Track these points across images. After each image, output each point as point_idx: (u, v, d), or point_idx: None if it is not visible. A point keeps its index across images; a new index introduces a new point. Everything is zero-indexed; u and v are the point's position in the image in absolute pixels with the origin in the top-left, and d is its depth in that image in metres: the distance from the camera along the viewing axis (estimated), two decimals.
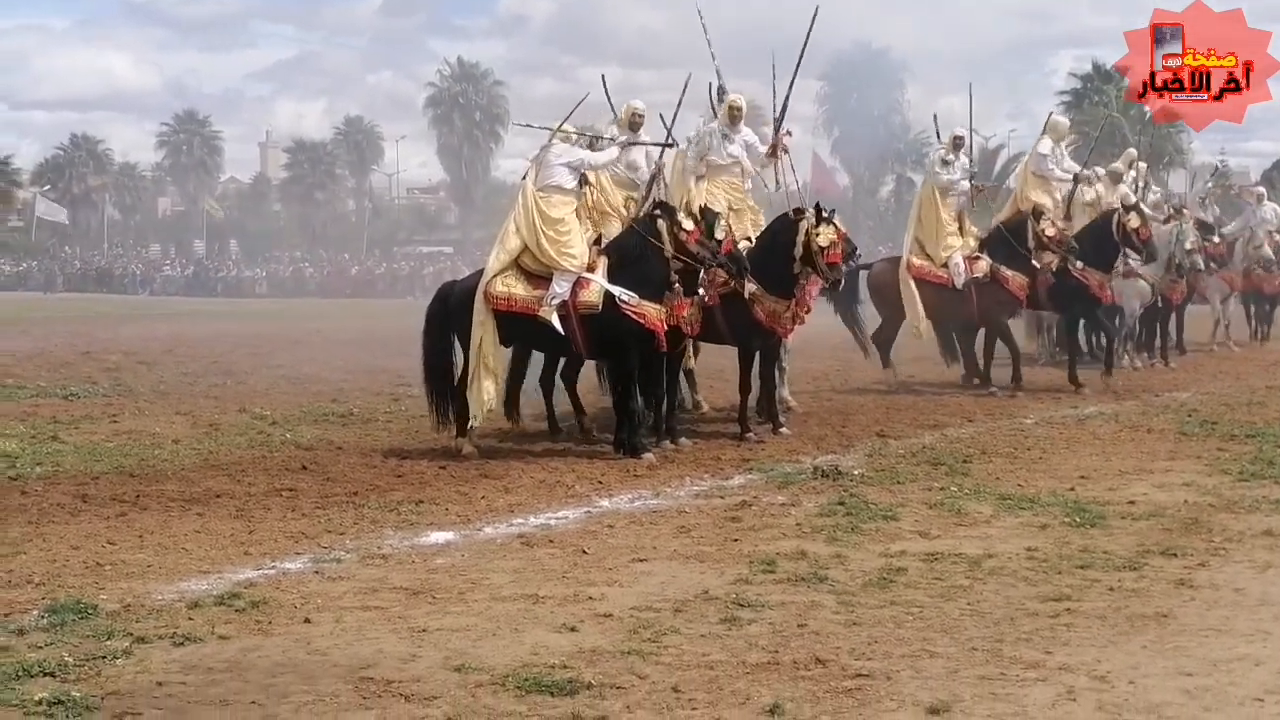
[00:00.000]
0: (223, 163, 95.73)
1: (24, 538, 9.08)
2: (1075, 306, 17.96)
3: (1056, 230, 17.62)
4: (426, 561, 8.54)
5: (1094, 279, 17.58)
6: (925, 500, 10.30)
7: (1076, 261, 17.51)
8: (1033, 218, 17.66)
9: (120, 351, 24.35)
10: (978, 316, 17.52)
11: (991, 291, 17.26)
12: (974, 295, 17.18)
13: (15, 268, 77.56)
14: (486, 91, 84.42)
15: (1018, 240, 17.49)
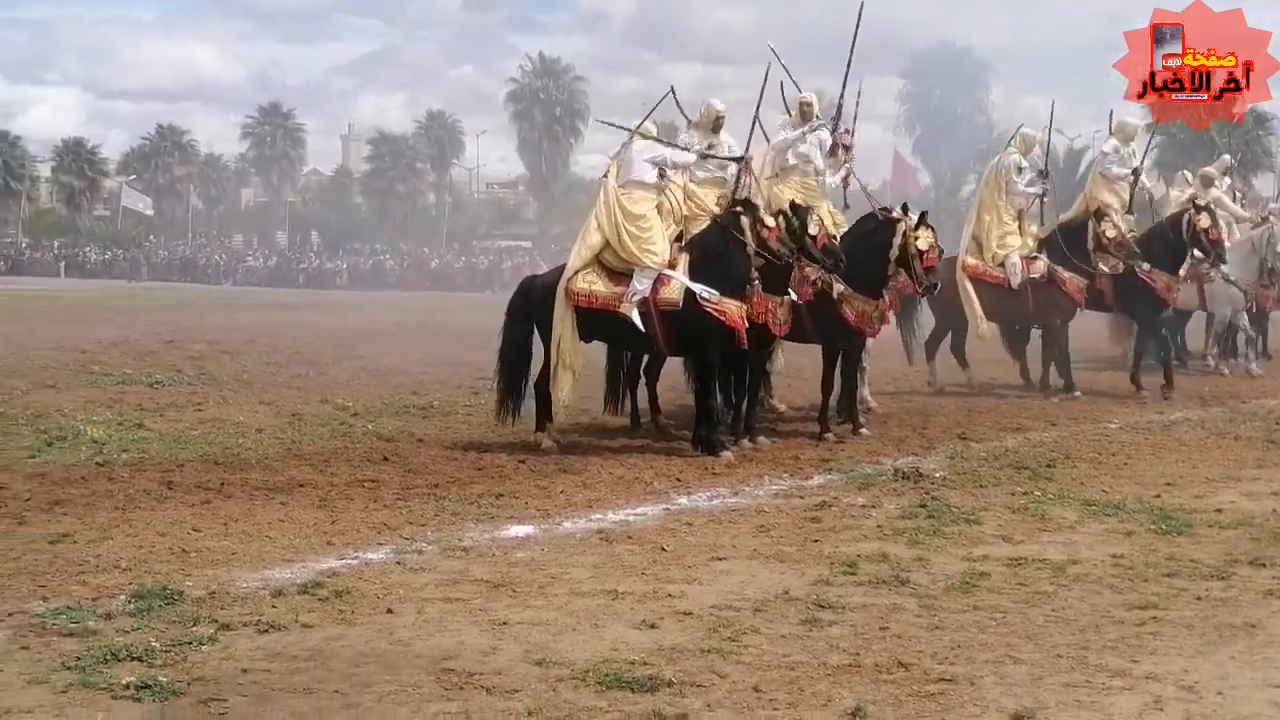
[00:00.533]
0: (305, 155, 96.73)
1: (111, 523, 9.21)
2: (1142, 309, 17.70)
3: (1117, 232, 17.38)
4: (507, 555, 8.56)
5: (1160, 281, 17.34)
6: (1008, 504, 10.20)
7: (1143, 263, 17.27)
8: (1094, 218, 17.43)
9: (204, 341, 24.65)
10: (1034, 317, 17.32)
11: (1048, 292, 17.07)
12: (1030, 295, 16.98)
13: (101, 256, 78.82)
14: (567, 87, 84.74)
15: (1077, 241, 17.27)
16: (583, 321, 12.69)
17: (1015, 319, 17.61)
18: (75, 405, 15.15)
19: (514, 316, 13.24)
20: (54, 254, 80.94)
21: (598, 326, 12.77)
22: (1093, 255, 17.21)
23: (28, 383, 17.43)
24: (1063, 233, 17.53)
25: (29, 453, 12.06)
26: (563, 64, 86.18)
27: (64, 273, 74.62)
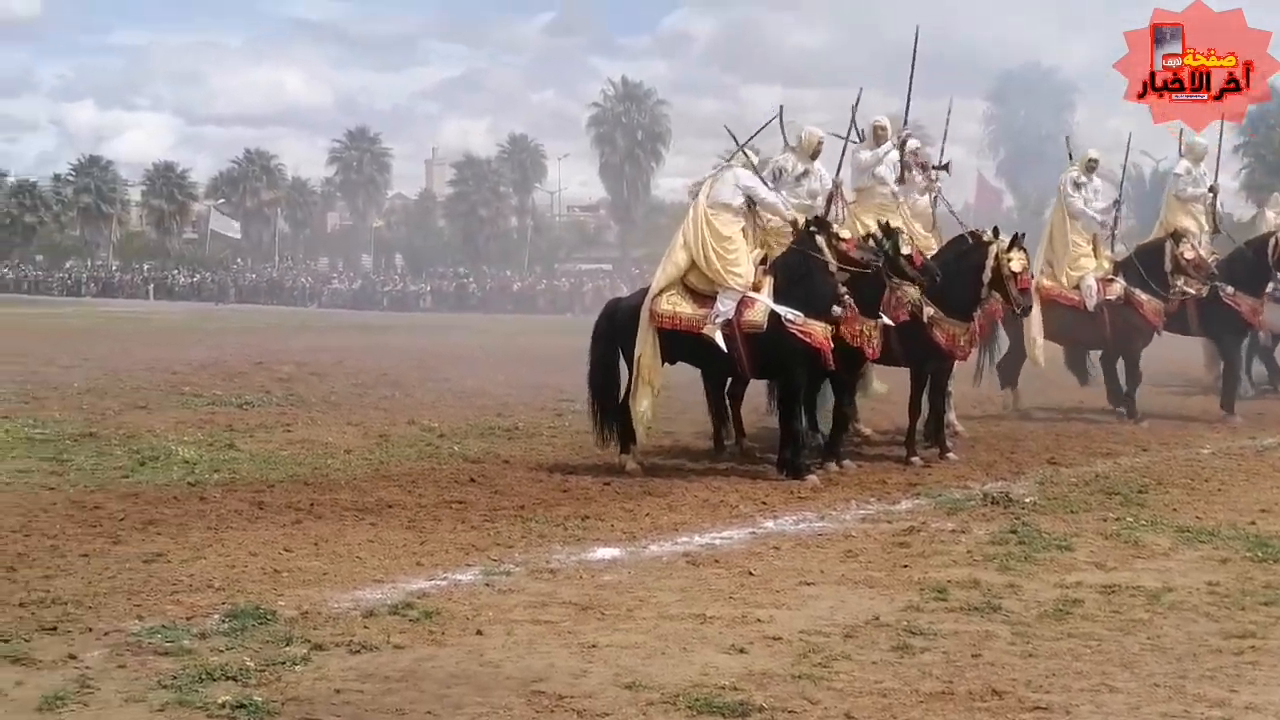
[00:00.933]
0: (390, 179, 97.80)
1: (204, 543, 9.33)
2: (1225, 332, 17.41)
3: (1196, 254, 17.12)
4: (594, 577, 8.57)
5: (1245, 304, 17.07)
6: (1100, 530, 10.06)
7: (1227, 286, 17.01)
8: (1171, 241, 17.19)
9: (292, 362, 24.93)
10: (1110, 340, 17.07)
11: (1125, 315, 16.84)
12: (1106, 318, 16.76)
13: (189, 279, 80.00)
14: (649, 111, 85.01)
15: (1154, 264, 17.04)
16: (666, 343, 12.68)
17: (1090, 342, 17.37)
18: (167, 426, 15.37)
19: (599, 339, 13.27)
20: (143, 276, 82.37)
21: (681, 348, 12.76)
22: (1170, 278, 16.98)
23: (120, 403, 17.72)
24: (1140, 256, 17.33)
25: (122, 473, 12.25)
26: (644, 88, 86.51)
27: (153, 295, 75.86)
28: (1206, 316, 17.19)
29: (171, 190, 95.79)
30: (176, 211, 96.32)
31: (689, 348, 12.73)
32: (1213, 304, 17.05)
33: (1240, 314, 17.06)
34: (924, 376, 13.78)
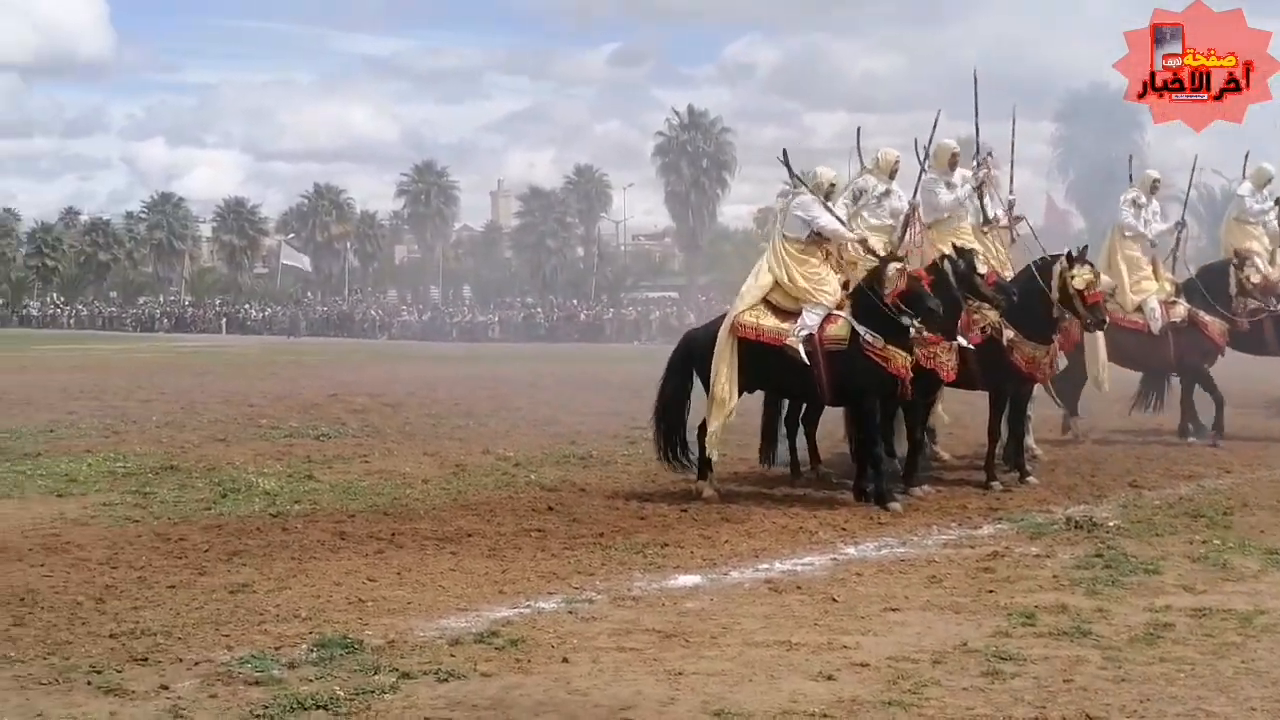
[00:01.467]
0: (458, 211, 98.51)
1: (289, 573, 9.40)
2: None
3: (1262, 276, 16.89)
4: (676, 604, 8.55)
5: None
6: (1187, 554, 9.93)
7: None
8: (1236, 263, 16.96)
9: (365, 394, 25.10)
10: (1175, 363, 16.83)
11: (1190, 337, 16.61)
12: (1171, 341, 16.53)
13: (261, 313, 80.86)
14: (714, 139, 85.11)
15: (1218, 286, 16.81)
16: (746, 364, 12.64)
17: (1155, 364, 17.11)
18: (246, 458, 15.52)
19: (675, 370, 13.27)
20: (215, 311, 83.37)
21: (761, 369, 12.70)
22: (1234, 300, 16.75)
23: (199, 436, 17.92)
24: (1203, 277, 17.13)
25: (205, 504, 12.37)
26: (709, 116, 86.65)
27: (225, 329, 76.71)
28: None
29: (242, 225, 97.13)
30: (247, 246, 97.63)
31: (768, 368, 12.67)
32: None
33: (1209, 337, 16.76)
34: (1003, 400, 13.67)
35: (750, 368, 12.70)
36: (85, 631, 7.83)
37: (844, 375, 12.34)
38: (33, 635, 7.75)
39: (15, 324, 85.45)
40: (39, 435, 17.91)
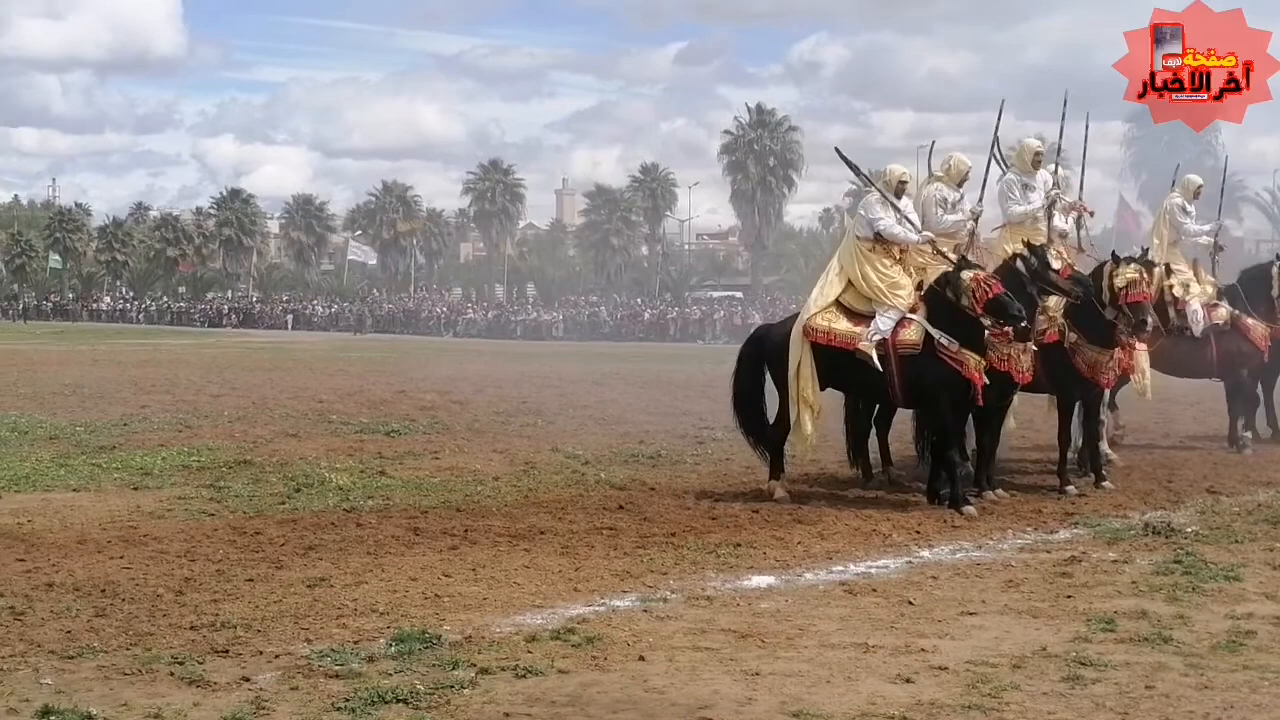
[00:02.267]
0: (523, 209, 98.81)
1: (364, 568, 9.46)
2: None
3: None
4: (751, 605, 8.54)
5: None
6: (1268, 561, 9.79)
7: None
8: (1277, 265, 16.70)
9: (433, 391, 25.21)
10: (1217, 367, 16.55)
11: (1233, 341, 16.38)
12: (1214, 344, 16.27)
13: (327, 309, 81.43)
14: (781, 138, 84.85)
15: (1259, 290, 16.56)
16: (819, 362, 12.62)
17: (1197, 370, 16.81)
18: (318, 453, 15.64)
19: (745, 364, 13.26)
20: (283, 307, 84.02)
21: (833, 370, 12.66)
22: (1278, 303, 16.49)
23: (270, 431, 18.07)
24: (1244, 281, 16.88)
25: (279, 499, 12.49)
26: (777, 115, 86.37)
27: (292, 325, 77.31)
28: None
29: (310, 222, 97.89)
30: (315, 243, 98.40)
31: (841, 370, 12.64)
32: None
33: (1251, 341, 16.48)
34: (1070, 404, 13.54)
35: (824, 369, 12.67)
36: (166, 623, 7.92)
37: (917, 378, 12.28)
38: (115, 626, 7.85)
39: (85, 318, 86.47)
40: (113, 429, 18.13)
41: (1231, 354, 16.39)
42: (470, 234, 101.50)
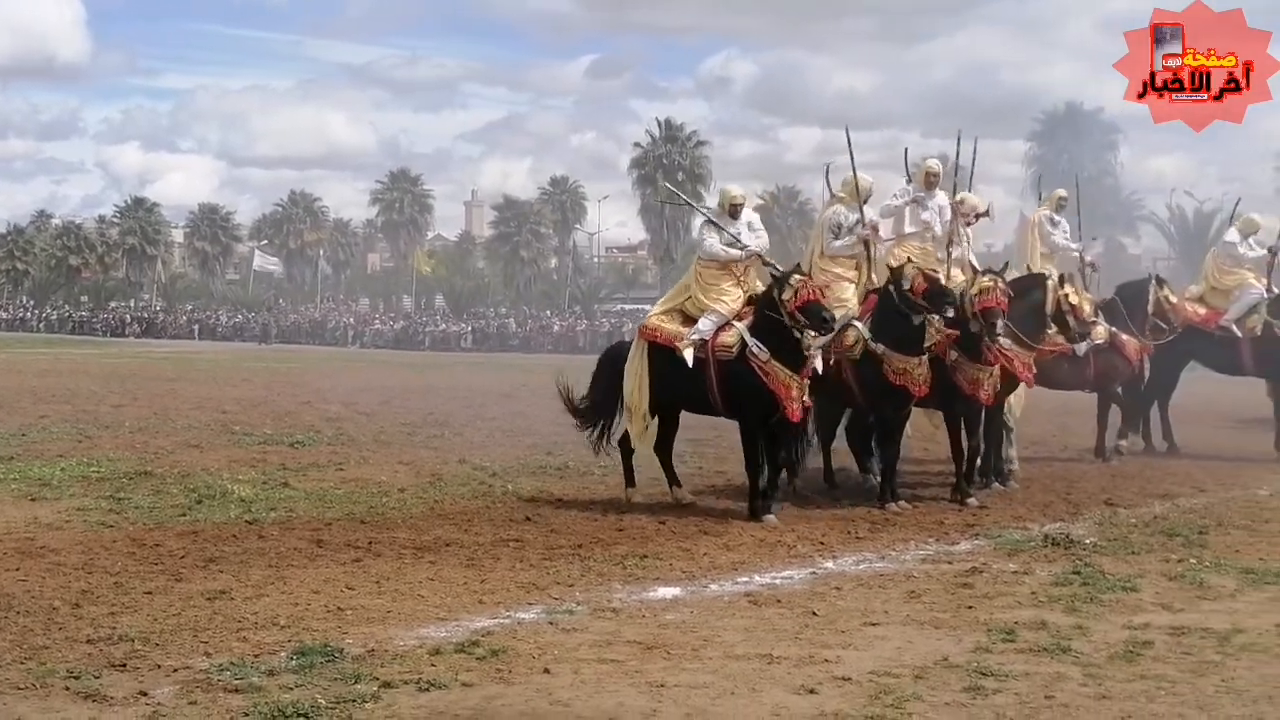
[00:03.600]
0: (432, 220, 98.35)
1: (266, 580, 9.34)
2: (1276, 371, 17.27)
3: (1179, 297, 17.08)
4: (656, 616, 8.54)
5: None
6: (1164, 572, 9.96)
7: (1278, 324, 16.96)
8: (1155, 283, 17.07)
9: (339, 402, 25.01)
10: (1093, 381, 16.89)
11: (1108, 356, 16.71)
12: (1092, 359, 16.58)
13: (233, 319, 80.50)
14: (690, 152, 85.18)
15: (1135, 306, 16.93)
16: (654, 370, 12.76)
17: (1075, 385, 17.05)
18: (220, 464, 15.44)
19: (599, 373, 13.76)
20: (187, 317, 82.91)
21: (665, 380, 12.74)
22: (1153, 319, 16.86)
23: (172, 442, 17.81)
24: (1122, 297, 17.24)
25: (180, 511, 12.29)
26: (686, 130, 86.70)
27: (197, 335, 76.31)
28: (1262, 356, 17.08)
29: (215, 232, 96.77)
30: (220, 253, 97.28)
31: (670, 376, 12.70)
32: (1270, 343, 16.93)
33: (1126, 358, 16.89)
34: (956, 419, 13.70)
35: (657, 376, 12.78)
36: (62, 637, 7.77)
37: (733, 385, 12.38)
38: (9, 639, 7.68)
39: None
40: (11, 439, 17.77)
41: (1107, 369, 16.69)
42: (378, 244, 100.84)
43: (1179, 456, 16.99)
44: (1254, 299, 17.32)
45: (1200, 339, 17.42)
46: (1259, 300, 17.31)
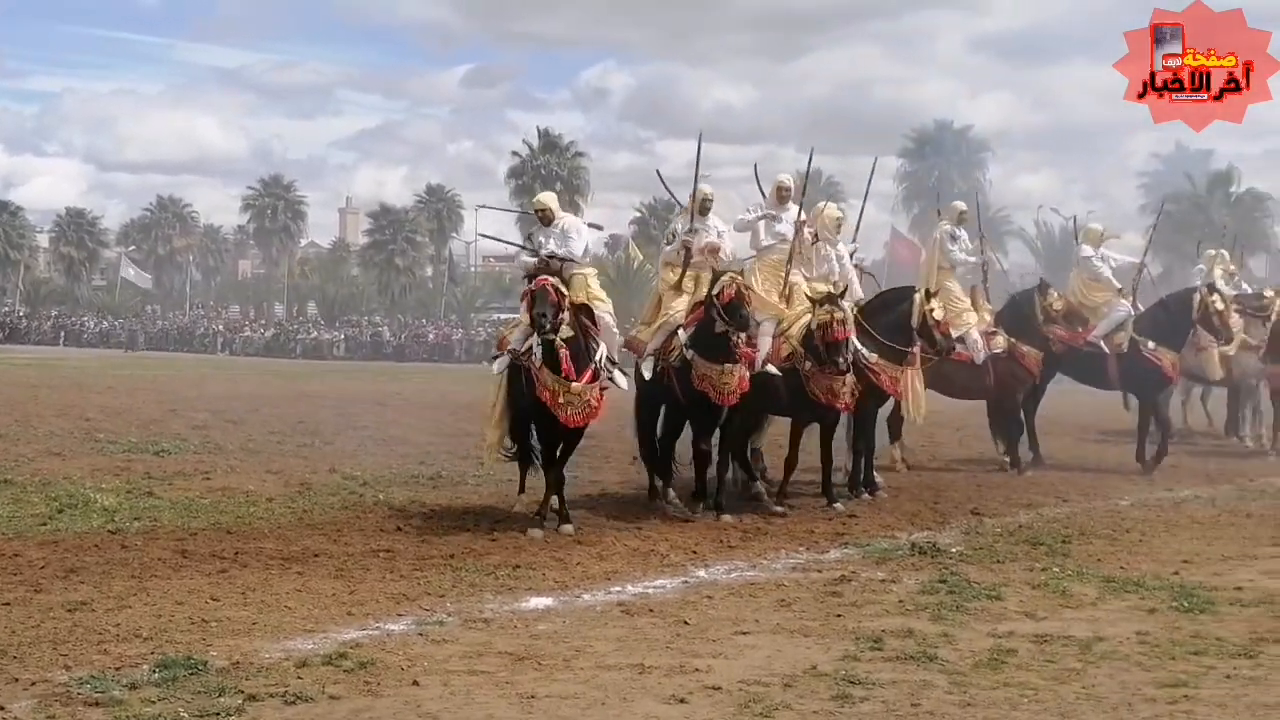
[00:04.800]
0: (305, 227, 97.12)
1: (128, 591, 9.14)
2: (1146, 387, 17.70)
3: (1065, 304, 17.49)
4: (528, 627, 8.51)
5: (1165, 359, 17.42)
6: (1028, 580, 10.15)
7: (1148, 342, 17.37)
8: (1039, 294, 17.49)
9: (206, 410, 24.56)
10: (993, 391, 17.25)
11: (1008, 367, 17.09)
12: (991, 370, 16.95)
13: (98, 326, 78.75)
14: (568, 163, 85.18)
15: (1029, 314, 17.35)
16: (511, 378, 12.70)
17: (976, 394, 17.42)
18: (83, 473, 15.09)
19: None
20: (52, 323, 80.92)
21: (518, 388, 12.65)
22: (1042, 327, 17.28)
23: (34, 450, 17.36)
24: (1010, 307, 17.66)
25: (40, 520, 11.99)
26: (564, 140, 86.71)
27: (62, 341, 74.53)
28: (1127, 371, 17.50)
29: (82, 237, 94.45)
30: (86, 258, 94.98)
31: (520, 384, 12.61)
32: (1133, 359, 17.35)
33: (1161, 369, 17.35)
34: (802, 427, 13.87)
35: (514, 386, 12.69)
36: None
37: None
38: None
39: None
40: None
41: (1006, 378, 17.01)
42: (249, 251, 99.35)
43: (1044, 467, 17.31)
44: (1121, 317, 17.70)
45: (1068, 354, 17.77)
46: (1126, 318, 17.70)
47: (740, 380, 12.83)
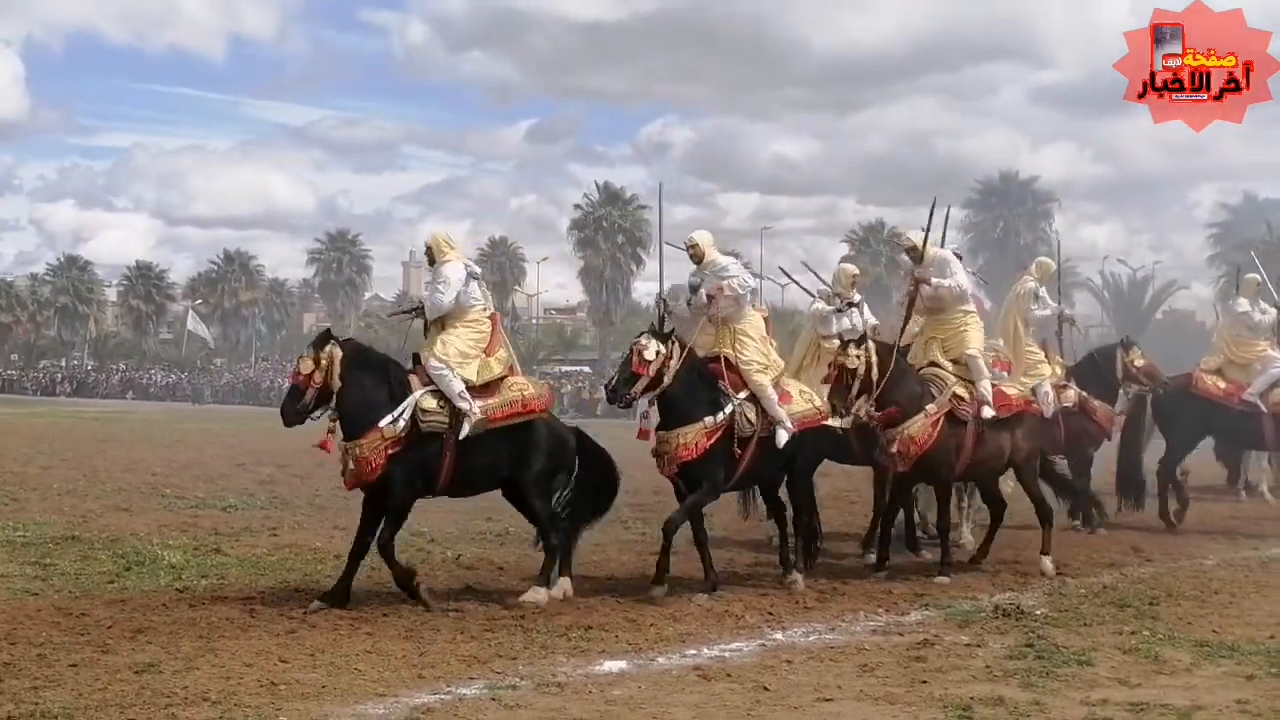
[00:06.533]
0: (370, 280, 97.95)
1: (196, 652, 8.99)
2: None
3: (1147, 362, 17.12)
4: (603, 692, 8.26)
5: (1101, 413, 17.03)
6: (1118, 645, 9.79)
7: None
8: (1121, 348, 17.12)
9: (273, 464, 24.53)
10: (1064, 447, 16.81)
11: (1079, 422, 16.69)
12: (1062, 425, 16.53)
13: (166, 379, 79.47)
14: (630, 215, 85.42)
15: (1106, 370, 16.96)
16: None
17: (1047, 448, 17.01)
18: (150, 529, 15.04)
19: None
20: (119, 376, 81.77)
21: None
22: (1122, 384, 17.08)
23: (101, 505, 17.37)
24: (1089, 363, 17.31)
25: (108, 578, 11.91)
26: (626, 194, 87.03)
27: (129, 395, 75.23)
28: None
29: (149, 290, 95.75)
30: (154, 312, 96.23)
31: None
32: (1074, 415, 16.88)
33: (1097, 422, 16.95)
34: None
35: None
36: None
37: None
38: None
39: None
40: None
41: (1078, 433, 16.63)
42: (314, 304, 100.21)
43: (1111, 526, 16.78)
44: (1277, 374, 17.23)
45: (1220, 413, 17.30)
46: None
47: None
